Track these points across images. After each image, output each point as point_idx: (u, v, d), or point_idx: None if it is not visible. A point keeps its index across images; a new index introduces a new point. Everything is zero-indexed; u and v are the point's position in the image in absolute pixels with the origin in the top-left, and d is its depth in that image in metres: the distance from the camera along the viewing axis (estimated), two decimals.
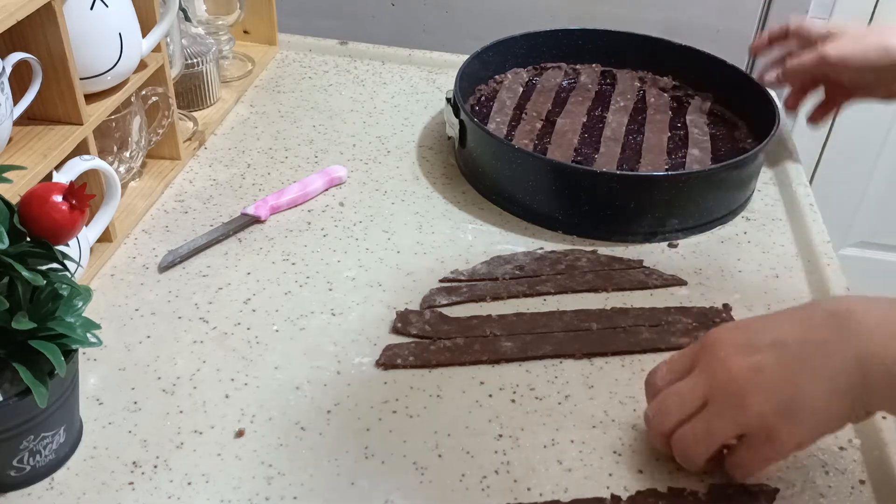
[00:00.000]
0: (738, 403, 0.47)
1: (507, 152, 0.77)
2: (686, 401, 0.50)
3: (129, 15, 0.70)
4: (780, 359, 0.47)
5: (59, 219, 0.46)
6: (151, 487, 0.53)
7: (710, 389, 0.49)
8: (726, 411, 0.48)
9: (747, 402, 0.47)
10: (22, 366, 0.47)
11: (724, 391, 0.48)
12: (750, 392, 0.47)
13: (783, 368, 0.46)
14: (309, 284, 0.70)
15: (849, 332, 0.45)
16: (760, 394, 0.47)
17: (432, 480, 0.54)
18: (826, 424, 0.47)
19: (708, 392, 0.49)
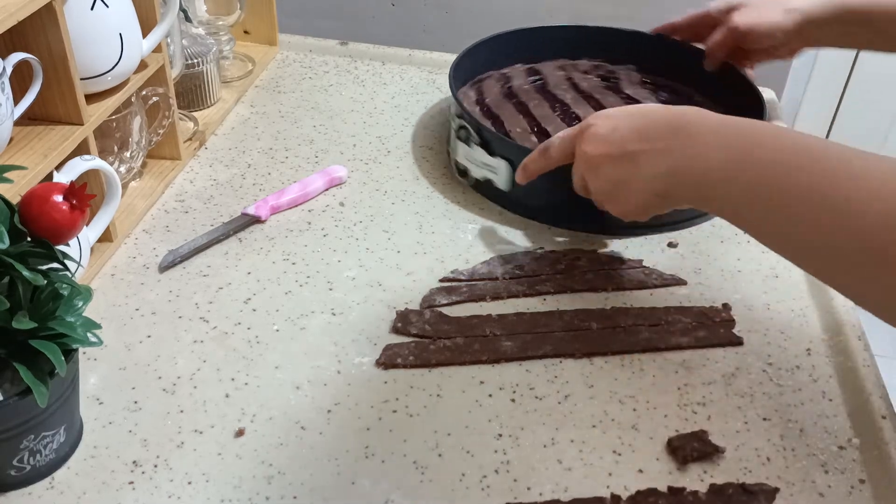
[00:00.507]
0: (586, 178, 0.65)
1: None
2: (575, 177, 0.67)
3: (129, 15, 0.70)
4: (619, 158, 0.61)
5: (59, 219, 0.46)
6: (152, 487, 0.53)
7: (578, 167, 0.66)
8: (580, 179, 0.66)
9: (589, 179, 0.65)
10: (22, 365, 0.47)
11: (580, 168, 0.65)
12: (592, 175, 0.64)
13: (617, 166, 0.61)
14: (309, 284, 0.70)
15: (676, 144, 0.57)
16: (598, 180, 0.64)
17: (432, 480, 0.54)
18: (637, 212, 0.63)
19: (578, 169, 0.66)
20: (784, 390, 0.62)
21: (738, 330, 0.67)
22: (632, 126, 0.60)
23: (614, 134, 0.61)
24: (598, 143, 0.62)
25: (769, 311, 0.69)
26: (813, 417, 0.60)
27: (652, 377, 0.63)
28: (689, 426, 0.59)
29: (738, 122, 0.56)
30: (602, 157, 0.62)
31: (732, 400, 0.61)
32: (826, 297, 0.70)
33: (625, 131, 0.60)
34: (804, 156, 0.51)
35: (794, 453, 0.57)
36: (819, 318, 0.69)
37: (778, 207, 0.51)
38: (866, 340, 0.66)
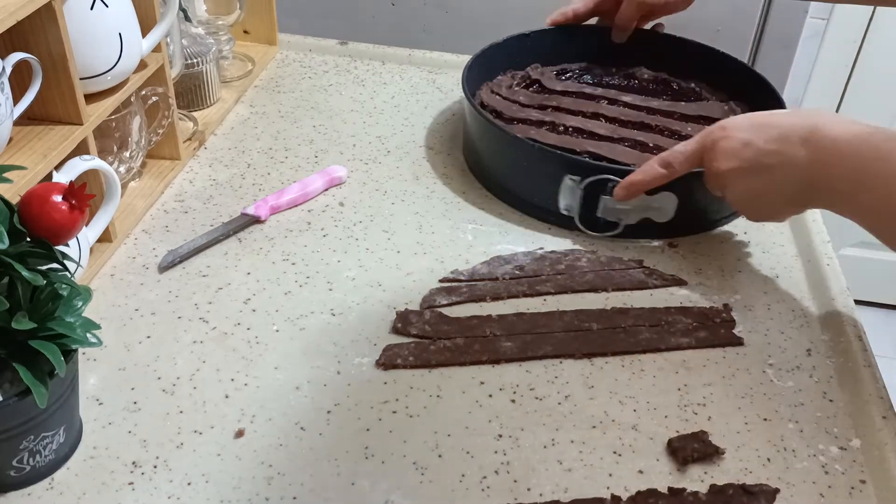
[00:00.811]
0: (722, 191, 0.68)
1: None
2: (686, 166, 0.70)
3: (129, 15, 0.70)
4: (755, 171, 0.64)
5: (59, 219, 0.46)
6: (151, 487, 0.53)
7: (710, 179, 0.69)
8: (714, 189, 0.70)
9: (726, 193, 0.68)
10: (22, 366, 0.47)
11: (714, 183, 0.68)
12: (728, 190, 0.67)
13: (754, 179, 0.64)
14: (309, 284, 0.70)
15: (807, 155, 0.61)
16: (734, 192, 0.67)
17: (432, 480, 0.54)
18: (775, 217, 0.69)
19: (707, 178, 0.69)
20: (784, 391, 0.62)
21: (738, 330, 0.67)
22: (766, 138, 0.63)
23: (747, 149, 0.64)
24: (731, 160, 0.65)
25: (769, 312, 0.69)
26: (813, 418, 0.60)
27: (652, 378, 0.63)
28: (690, 427, 0.59)
29: (866, 133, 0.59)
30: (737, 173, 0.65)
31: (732, 400, 0.61)
32: (826, 298, 0.70)
33: (759, 145, 0.63)
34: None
35: (794, 454, 0.57)
36: (819, 318, 0.69)
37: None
38: (866, 341, 0.66)
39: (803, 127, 0.61)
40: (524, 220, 0.79)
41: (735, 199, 0.67)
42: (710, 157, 0.67)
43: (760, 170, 0.63)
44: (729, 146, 0.65)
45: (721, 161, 0.65)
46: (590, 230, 0.76)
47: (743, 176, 0.64)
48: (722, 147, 0.65)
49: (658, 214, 0.74)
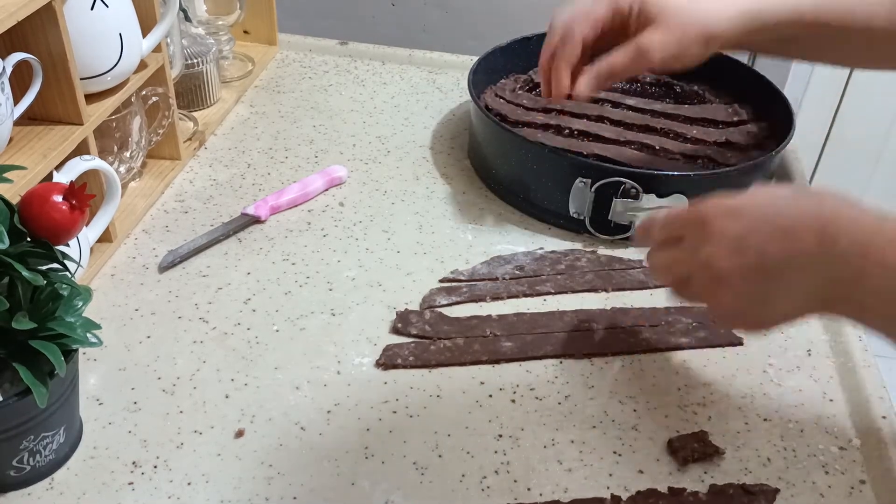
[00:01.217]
0: (713, 293, 0.52)
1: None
2: (673, 271, 0.54)
3: (129, 15, 0.70)
4: (758, 270, 0.49)
5: (59, 219, 0.46)
6: (151, 487, 0.53)
7: (694, 272, 0.52)
8: (703, 293, 0.53)
9: (720, 296, 0.51)
10: (22, 366, 0.47)
11: (705, 281, 0.52)
12: (725, 290, 0.51)
13: (757, 280, 0.49)
14: (309, 284, 0.70)
15: (830, 255, 0.47)
16: (734, 294, 0.51)
17: (432, 480, 0.54)
18: (776, 326, 0.52)
19: (692, 272, 0.52)
20: (784, 391, 0.62)
21: (738, 330, 0.67)
22: (771, 230, 0.49)
23: (747, 241, 0.49)
24: (729, 252, 0.50)
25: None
26: (813, 418, 0.60)
27: (652, 378, 0.63)
28: (690, 427, 0.59)
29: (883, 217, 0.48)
30: (736, 271, 0.49)
31: (733, 400, 0.61)
32: None
33: (762, 237, 0.49)
34: None
35: (794, 454, 0.57)
36: (820, 318, 0.69)
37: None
38: (867, 341, 0.66)
39: (814, 214, 0.48)
40: (524, 220, 0.79)
41: (726, 305, 0.52)
42: (701, 240, 0.51)
43: (766, 271, 0.49)
44: (725, 234, 0.50)
45: (716, 254, 0.50)
46: (600, 233, 0.76)
47: (743, 276, 0.49)
48: (717, 233, 0.50)
49: None
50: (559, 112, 0.88)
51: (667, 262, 0.55)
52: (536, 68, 0.94)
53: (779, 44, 0.68)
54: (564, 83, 0.69)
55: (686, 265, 0.53)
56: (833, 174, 1.70)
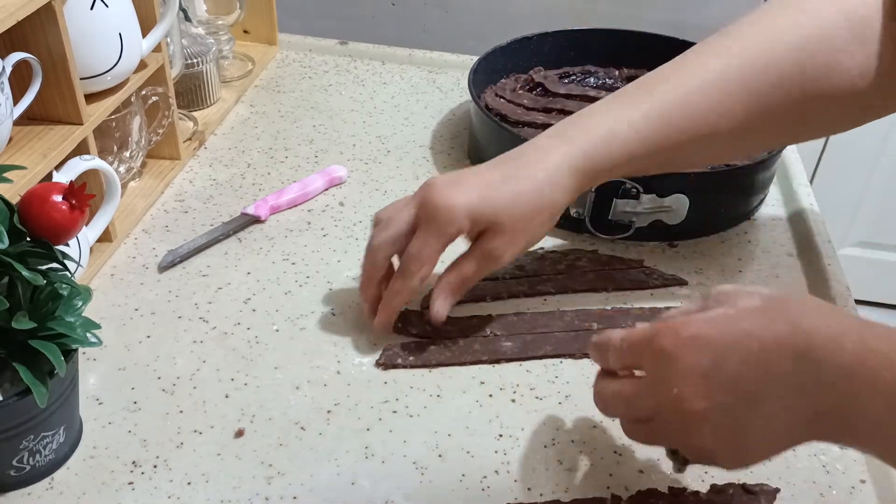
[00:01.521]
0: (686, 435, 0.46)
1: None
2: (632, 408, 0.49)
3: (129, 15, 0.70)
4: (735, 403, 0.44)
5: (59, 219, 0.46)
6: (151, 487, 0.53)
7: (658, 411, 0.47)
8: (669, 434, 0.48)
9: (695, 437, 0.46)
10: (22, 366, 0.47)
11: (671, 421, 0.47)
12: (699, 431, 0.45)
13: (735, 414, 0.44)
14: (309, 284, 0.70)
15: (811, 380, 0.42)
16: (710, 434, 0.45)
17: (432, 480, 0.54)
18: (757, 461, 0.47)
19: (655, 411, 0.47)
20: None
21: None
22: (742, 358, 0.44)
23: (719, 373, 0.44)
24: (699, 392, 0.44)
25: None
26: None
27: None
28: None
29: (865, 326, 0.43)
30: (710, 410, 0.44)
31: None
32: (827, 298, 0.70)
33: (733, 368, 0.44)
34: None
35: (794, 454, 0.57)
36: None
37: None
38: None
39: (788, 333, 0.43)
40: None
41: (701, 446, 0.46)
42: (666, 375, 0.46)
43: (742, 403, 0.44)
44: (694, 368, 0.45)
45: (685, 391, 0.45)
46: (600, 233, 0.76)
47: (718, 412, 0.44)
48: (683, 368, 0.45)
49: (669, 216, 0.74)
50: (560, 112, 0.88)
51: (623, 396, 0.49)
52: (537, 68, 0.94)
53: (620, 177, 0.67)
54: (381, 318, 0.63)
55: (648, 404, 0.47)
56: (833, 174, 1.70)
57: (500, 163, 0.62)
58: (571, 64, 0.96)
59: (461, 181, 0.60)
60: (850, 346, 0.42)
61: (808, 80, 0.58)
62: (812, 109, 0.59)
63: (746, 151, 0.72)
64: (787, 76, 0.58)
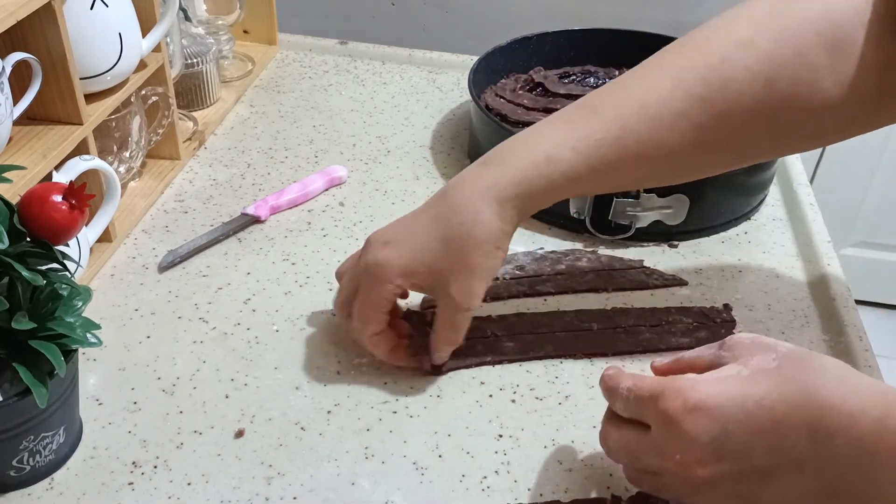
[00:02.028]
0: (691, 493, 0.46)
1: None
2: (636, 462, 0.49)
3: (129, 15, 0.70)
4: (745, 474, 0.43)
5: (58, 219, 0.46)
6: (151, 487, 0.53)
7: (662, 470, 0.46)
8: (676, 491, 0.47)
9: (699, 495, 0.46)
10: (22, 366, 0.47)
11: (676, 481, 0.46)
12: (704, 494, 0.45)
13: (746, 485, 0.44)
14: (309, 284, 0.70)
15: (828, 454, 0.41)
16: (721, 497, 0.45)
17: (432, 480, 0.54)
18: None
19: (660, 469, 0.47)
20: None
21: (738, 330, 0.67)
22: (752, 429, 0.43)
23: (727, 441, 0.43)
24: (706, 458, 0.43)
25: (770, 312, 0.69)
26: None
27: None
28: None
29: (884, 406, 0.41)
30: (718, 477, 0.44)
31: None
32: (827, 298, 0.70)
33: (743, 438, 0.43)
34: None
35: None
36: (820, 318, 0.69)
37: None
38: (867, 341, 0.66)
39: (803, 407, 0.42)
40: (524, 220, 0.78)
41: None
42: (668, 437, 0.45)
43: (751, 475, 0.43)
44: (700, 435, 0.43)
45: (691, 457, 0.44)
46: (600, 233, 0.75)
47: (724, 482, 0.44)
48: (689, 433, 0.44)
49: (670, 216, 0.74)
50: None
51: (628, 449, 0.48)
52: (537, 68, 0.94)
53: (573, 196, 0.64)
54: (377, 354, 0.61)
55: (653, 462, 0.46)
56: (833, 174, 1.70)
57: (433, 205, 0.58)
58: (571, 64, 0.96)
59: (396, 237, 0.58)
60: (868, 426, 0.40)
61: (773, 95, 0.54)
62: (781, 124, 0.56)
63: (713, 169, 0.62)
64: (749, 91, 0.54)
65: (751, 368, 0.44)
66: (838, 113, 0.55)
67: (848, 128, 0.58)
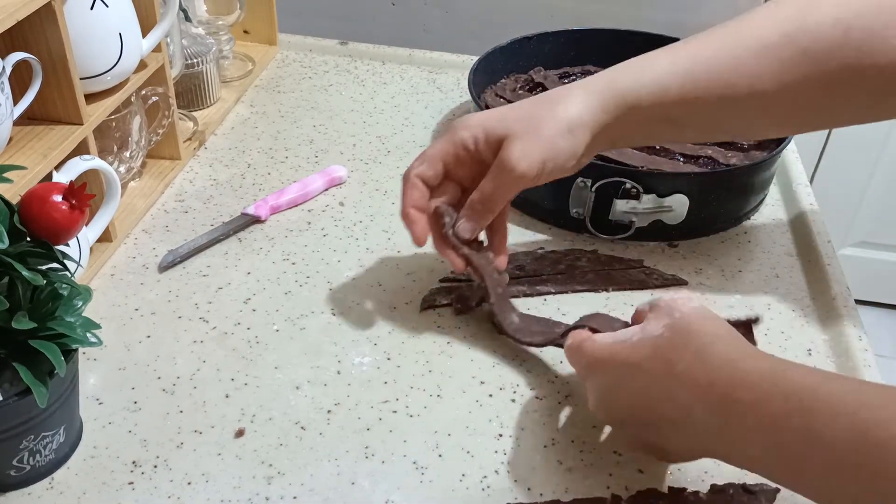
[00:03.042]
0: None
1: None
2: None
3: (129, 15, 0.70)
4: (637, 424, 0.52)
5: (59, 219, 0.46)
6: (151, 487, 0.53)
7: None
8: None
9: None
10: (22, 366, 0.47)
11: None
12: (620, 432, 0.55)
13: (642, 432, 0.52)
14: (309, 284, 0.70)
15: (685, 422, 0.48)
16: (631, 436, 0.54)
17: (432, 480, 0.54)
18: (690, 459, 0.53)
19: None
20: None
21: None
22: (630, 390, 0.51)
23: (614, 395, 0.53)
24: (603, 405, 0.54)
25: (770, 311, 0.69)
26: None
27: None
28: None
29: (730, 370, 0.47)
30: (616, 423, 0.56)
31: None
32: (827, 298, 0.70)
33: (622, 394, 0.52)
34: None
35: None
36: (820, 318, 0.69)
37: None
38: (867, 341, 0.66)
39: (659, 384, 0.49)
40: (524, 220, 0.79)
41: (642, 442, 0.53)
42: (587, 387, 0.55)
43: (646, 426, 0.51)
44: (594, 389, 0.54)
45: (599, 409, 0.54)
46: (600, 233, 0.75)
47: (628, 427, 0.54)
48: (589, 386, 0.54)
49: (669, 216, 0.74)
50: None
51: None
52: (537, 68, 0.94)
53: (658, 126, 0.61)
54: (416, 229, 0.62)
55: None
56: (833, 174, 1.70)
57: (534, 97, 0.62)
58: (571, 64, 0.96)
59: (491, 110, 0.62)
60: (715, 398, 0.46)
61: (849, 42, 0.56)
62: (852, 81, 0.57)
63: (781, 126, 0.65)
64: (826, 37, 0.56)
65: (643, 333, 0.51)
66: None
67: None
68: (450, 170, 0.62)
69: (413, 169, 0.62)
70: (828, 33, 0.56)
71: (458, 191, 0.63)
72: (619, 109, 0.59)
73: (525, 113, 0.60)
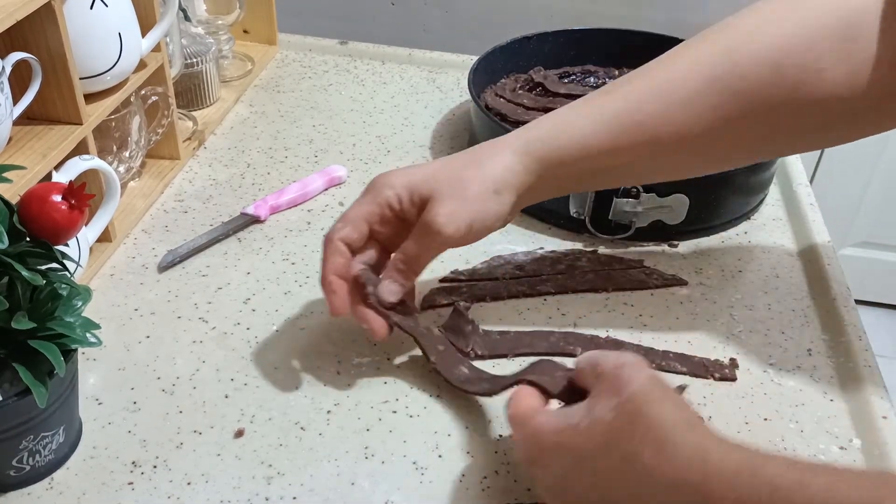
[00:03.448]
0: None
1: None
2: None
3: (128, 15, 0.70)
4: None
5: (58, 219, 0.46)
6: (151, 487, 0.53)
7: None
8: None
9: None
10: (22, 366, 0.47)
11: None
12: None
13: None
14: (309, 284, 0.70)
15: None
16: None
17: (432, 480, 0.54)
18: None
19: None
20: (785, 391, 0.62)
21: (739, 331, 0.67)
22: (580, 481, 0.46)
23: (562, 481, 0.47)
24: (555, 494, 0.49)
25: (770, 311, 0.69)
26: (814, 418, 0.60)
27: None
28: None
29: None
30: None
31: (733, 401, 0.61)
32: (828, 298, 0.70)
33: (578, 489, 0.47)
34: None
35: (794, 454, 0.57)
36: (820, 318, 0.69)
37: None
38: (867, 341, 0.66)
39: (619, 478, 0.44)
40: (524, 220, 0.79)
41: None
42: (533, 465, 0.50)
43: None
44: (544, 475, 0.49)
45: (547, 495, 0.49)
46: (600, 233, 0.75)
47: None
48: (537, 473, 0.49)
49: (669, 216, 0.74)
50: None
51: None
52: (537, 68, 0.94)
53: (586, 179, 0.61)
54: (336, 300, 0.58)
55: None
56: (833, 174, 1.70)
57: (456, 154, 0.61)
58: (571, 64, 0.95)
59: (412, 167, 0.60)
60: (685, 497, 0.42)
61: (781, 81, 0.54)
62: (788, 113, 0.55)
63: (719, 164, 0.63)
64: (757, 75, 0.54)
65: (590, 416, 0.46)
66: (845, 106, 0.55)
67: (853, 125, 0.58)
68: (373, 230, 0.59)
69: (336, 232, 0.58)
70: (758, 73, 0.54)
71: (377, 250, 0.60)
72: (543, 170, 0.58)
73: (451, 173, 0.57)
